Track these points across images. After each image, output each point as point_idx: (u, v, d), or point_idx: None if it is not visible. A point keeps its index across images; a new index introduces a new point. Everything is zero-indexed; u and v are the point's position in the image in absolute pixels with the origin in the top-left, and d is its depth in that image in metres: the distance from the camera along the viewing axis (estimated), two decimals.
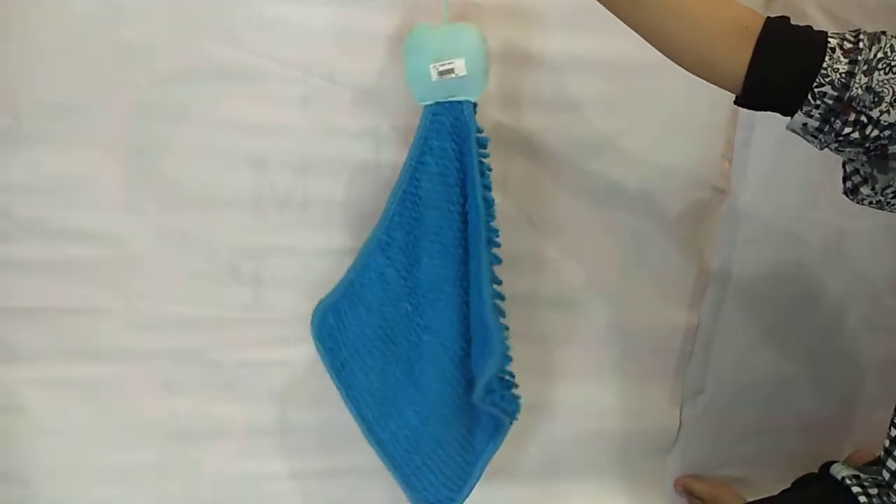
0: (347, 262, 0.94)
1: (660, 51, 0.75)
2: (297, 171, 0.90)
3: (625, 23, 0.75)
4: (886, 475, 0.81)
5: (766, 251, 1.07)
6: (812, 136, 0.72)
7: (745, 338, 1.11)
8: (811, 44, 0.69)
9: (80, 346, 0.92)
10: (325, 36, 0.86)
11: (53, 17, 0.81)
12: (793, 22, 0.71)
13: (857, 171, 0.76)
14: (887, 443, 0.81)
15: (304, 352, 0.97)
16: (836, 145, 0.71)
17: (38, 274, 0.88)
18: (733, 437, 1.17)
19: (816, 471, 0.94)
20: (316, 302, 0.94)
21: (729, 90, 0.74)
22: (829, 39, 0.68)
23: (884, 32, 0.68)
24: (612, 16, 0.75)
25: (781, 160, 1.02)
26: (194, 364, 0.95)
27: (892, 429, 0.80)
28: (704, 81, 0.75)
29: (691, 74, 0.75)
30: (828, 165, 0.86)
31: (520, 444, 1.07)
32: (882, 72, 0.66)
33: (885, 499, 0.82)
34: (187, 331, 0.94)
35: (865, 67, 0.66)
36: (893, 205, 0.75)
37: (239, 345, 0.95)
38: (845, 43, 0.68)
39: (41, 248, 0.88)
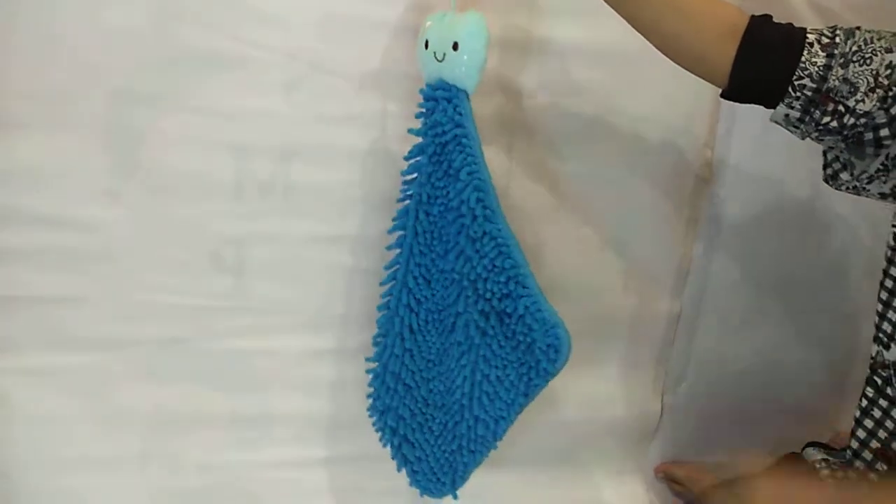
0: (331, 250, 0.94)
1: (655, 45, 0.78)
2: (280, 158, 0.90)
3: (623, 17, 0.77)
4: (849, 454, 0.84)
5: (748, 239, 1.09)
6: (794, 126, 0.76)
7: (726, 325, 1.12)
8: (791, 40, 0.73)
9: (61, 335, 0.90)
10: (310, 22, 0.86)
11: (33, 2, 0.80)
12: (776, 18, 0.75)
13: (837, 159, 0.80)
14: (853, 423, 0.84)
15: (287, 340, 0.96)
16: (816, 134, 0.76)
17: (17, 262, 0.87)
18: (715, 423, 1.18)
19: (800, 451, 0.96)
20: (298, 290, 0.94)
21: (716, 84, 0.78)
22: (808, 35, 0.73)
23: (858, 27, 0.73)
24: (601, 4, 0.76)
25: (763, 149, 1.03)
26: (177, 353, 0.94)
27: (857, 410, 0.83)
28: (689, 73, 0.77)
29: (677, 66, 0.77)
30: (808, 154, 0.87)
31: None
32: (857, 63, 0.71)
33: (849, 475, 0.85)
34: (169, 320, 0.93)
35: (842, 60, 0.71)
36: (868, 190, 0.79)
37: (222, 333, 0.95)
38: (822, 38, 0.73)
39: (20, 235, 0.86)
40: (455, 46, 0.79)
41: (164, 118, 0.86)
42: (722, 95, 0.78)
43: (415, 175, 0.85)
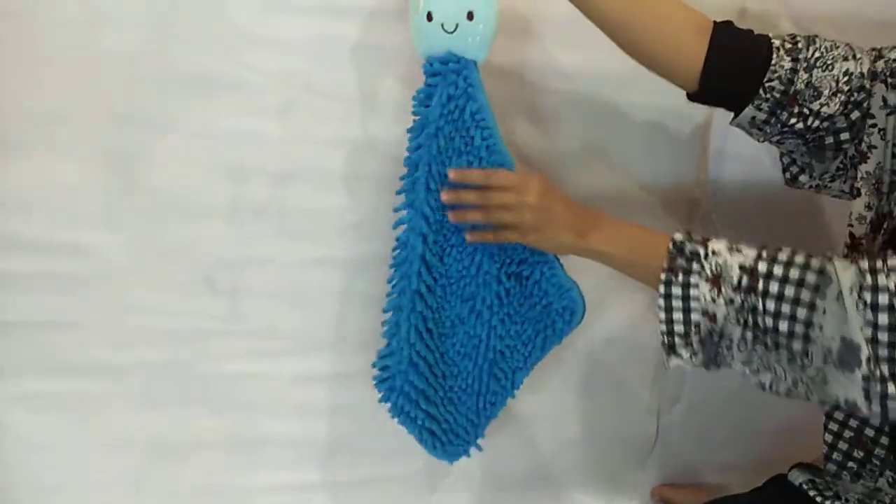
0: (326, 273, 0.94)
1: (622, 46, 0.79)
2: (275, 180, 0.90)
3: (591, 19, 0.78)
4: (833, 468, 0.85)
5: None
6: (758, 128, 0.79)
7: None
8: (759, 44, 0.77)
9: (56, 360, 0.90)
10: (304, 46, 0.87)
11: (32, 24, 0.80)
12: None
13: (794, 162, 0.85)
14: (829, 437, 0.86)
15: (283, 364, 0.96)
16: (778, 137, 0.79)
17: (11, 287, 0.87)
18: (710, 445, 1.17)
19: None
20: (294, 313, 0.94)
21: (682, 86, 0.79)
22: (773, 40, 0.76)
23: (817, 36, 0.77)
24: (594, 28, 0.77)
25: (756, 171, 1.04)
26: (172, 377, 0.94)
27: (827, 433, 0.85)
28: (673, 87, 0.79)
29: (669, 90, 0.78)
30: None
31: (498, 452, 1.07)
32: (820, 69, 0.75)
33: (837, 490, 0.86)
34: (164, 344, 0.93)
35: (805, 65, 0.75)
36: (831, 187, 0.84)
37: (217, 357, 0.95)
38: (786, 44, 0.76)
39: (14, 260, 0.87)
40: (470, 16, 0.77)
41: (159, 141, 0.87)
42: (690, 97, 0.81)
43: (418, 151, 0.82)
